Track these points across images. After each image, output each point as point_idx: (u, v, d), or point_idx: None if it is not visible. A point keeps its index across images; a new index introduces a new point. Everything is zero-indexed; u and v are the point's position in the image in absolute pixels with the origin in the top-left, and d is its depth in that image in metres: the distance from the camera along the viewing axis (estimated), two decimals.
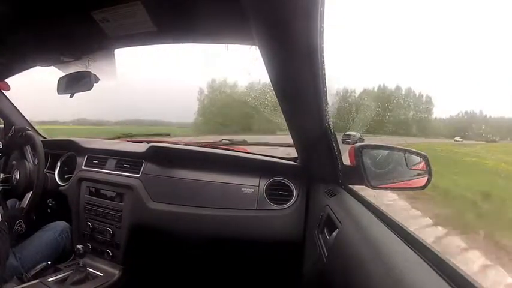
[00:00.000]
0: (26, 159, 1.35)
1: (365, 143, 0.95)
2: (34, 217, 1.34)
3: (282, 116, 0.91)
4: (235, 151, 1.40)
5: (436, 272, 0.43)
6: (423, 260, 0.47)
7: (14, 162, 1.41)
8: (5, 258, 1.01)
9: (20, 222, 1.18)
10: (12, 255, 1.09)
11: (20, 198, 1.30)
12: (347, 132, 2.92)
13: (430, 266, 0.45)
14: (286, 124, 0.95)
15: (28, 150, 1.38)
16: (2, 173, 1.38)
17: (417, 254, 0.49)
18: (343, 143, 0.95)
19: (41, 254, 1.19)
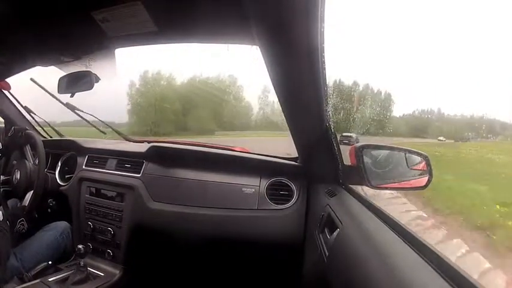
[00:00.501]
0: (27, 159, 1.35)
1: (366, 143, 0.94)
2: (36, 215, 1.34)
3: (283, 115, 0.90)
4: (236, 151, 1.40)
5: (437, 272, 0.43)
6: (424, 260, 0.47)
7: (14, 162, 1.41)
8: (5, 258, 1.02)
9: (22, 220, 1.18)
10: (13, 255, 1.09)
11: (21, 198, 1.30)
12: (344, 134, 2.93)
13: (430, 266, 0.45)
14: (286, 123, 0.95)
15: (28, 150, 1.38)
16: (2, 174, 1.38)
17: (418, 254, 0.49)
18: (340, 144, 0.95)
19: (41, 255, 1.19)
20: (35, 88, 1.40)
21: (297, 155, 1.20)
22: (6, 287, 1.02)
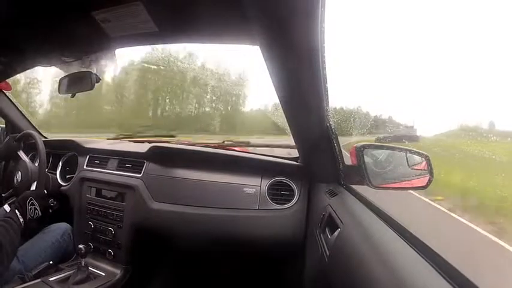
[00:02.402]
0: (27, 160, 1.35)
1: (366, 142, 0.94)
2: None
3: (283, 115, 0.90)
4: (237, 151, 1.40)
5: (437, 272, 0.43)
6: (424, 259, 0.47)
7: (14, 163, 1.41)
8: (10, 255, 1.00)
9: (32, 200, 1.17)
10: (14, 257, 1.09)
11: None
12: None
13: (431, 265, 0.45)
14: (287, 123, 0.95)
15: (25, 152, 1.39)
16: (3, 175, 1.39)
17: (418, 254, 0.49)
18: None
19: (43, 256, 1.18)
20: None
21: (298, 155, 1.20)
22: (7, 287, 1.03)
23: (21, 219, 1.09)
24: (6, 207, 1.10)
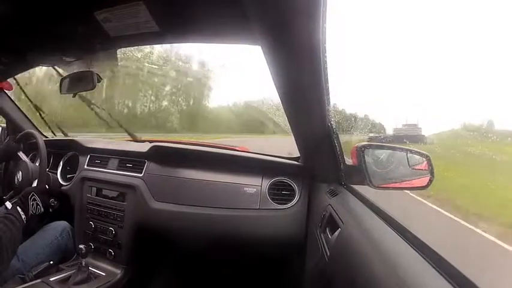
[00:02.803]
0: (27, 160, 1.35)
1: (367, 142, 0.95)
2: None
3: (284, 115, 0.91)
4: (238, 151, 1.40)
5: (437, 271, 0.43)
6: (425, 259, 0.47)
7: (14, 164, 1.41)
8: (10, 250, 0.99)
9: (34, 195, 1.16)
10: (14, 255, 1.09)
11: None
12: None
13: (431, 265, 0.45)
14: (288, 123, 0.96)
15: (25, 153, 1.39)
16: (3, 180, 1.39)
17: (419, 254, 0.49)
18: None
19: (42, 254, 1.18)
20: None
21: (299, 155, 1.20)
22: (7, 287, 1.02)
23: (23, 216, 1.08)
24: (8, 204, 1.10)
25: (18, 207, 1.09)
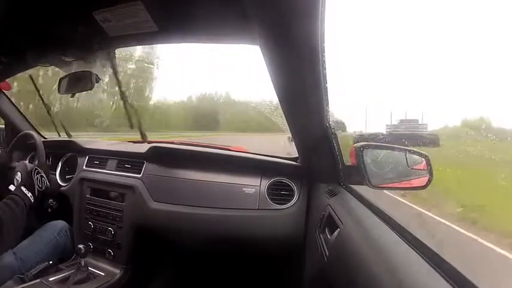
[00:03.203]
0: (27, 160, 1.35)
1: (366, 142, 0.95)
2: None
3: (283, 115, 0.91)
4: (236, 151, 1.40)
5: (437, 272, 0.43)
6: (424, 259, 0.47)
7: (14, 164, 1.41)
8: (13, 232, 0.96)
9: (37, 169, 1.13)
10: (12, 254, 1.09)
11: None
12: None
13: (431, 265, 0.45)
14: (286, 123, 0.96)
15: (23, 157, 1.38)
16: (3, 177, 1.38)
17: (418, 254, 0.49)
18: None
19: (41, 254, 1.18)
20: None
21: (298, 155, 1.20)
22: (6, 287, 1.02)
23: (30, 194, 1.06)
24: (11, 187, 1.07)
25: (22, 187, 1.06)
